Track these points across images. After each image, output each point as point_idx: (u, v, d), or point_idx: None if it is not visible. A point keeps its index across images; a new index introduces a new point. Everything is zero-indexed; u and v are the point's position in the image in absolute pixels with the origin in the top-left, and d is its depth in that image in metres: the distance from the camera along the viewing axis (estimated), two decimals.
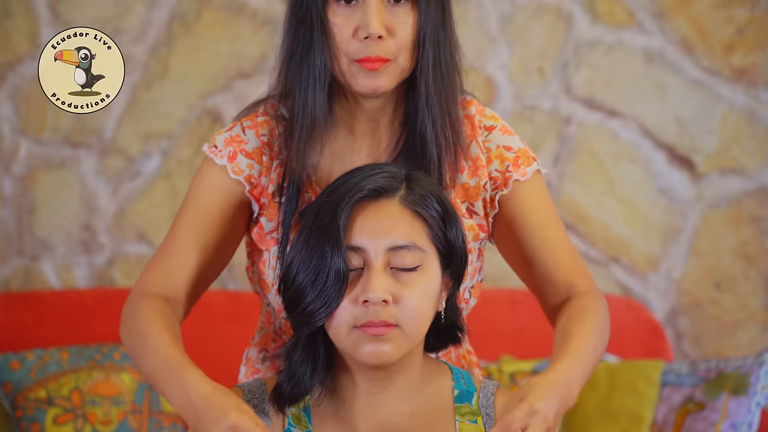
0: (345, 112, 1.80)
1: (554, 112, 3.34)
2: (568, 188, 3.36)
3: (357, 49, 1.71)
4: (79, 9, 3.22)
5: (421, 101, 1.76)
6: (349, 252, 1.60)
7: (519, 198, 1.81)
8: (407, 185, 1.65)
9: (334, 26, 1.72)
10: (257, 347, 1.94)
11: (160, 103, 3.27)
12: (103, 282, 3.29)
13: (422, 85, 1.75)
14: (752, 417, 2.79)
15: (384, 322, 1.59)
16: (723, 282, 3.39)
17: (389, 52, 1.71)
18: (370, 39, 1.69)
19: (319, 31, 1.72)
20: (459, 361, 1.91)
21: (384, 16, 1.70)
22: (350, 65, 1.72)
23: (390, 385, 1.66)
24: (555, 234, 1.82)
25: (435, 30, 1.74)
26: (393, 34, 1.71)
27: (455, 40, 1.79)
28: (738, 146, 3.36)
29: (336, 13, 1.71)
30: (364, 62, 1.71)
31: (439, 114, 1.76)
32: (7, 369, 2.90)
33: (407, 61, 1.74)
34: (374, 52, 1.70)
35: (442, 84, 1.76)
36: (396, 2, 1.71)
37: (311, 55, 1.74)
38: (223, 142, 1.81)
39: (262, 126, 1.82)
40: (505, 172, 1.81)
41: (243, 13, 3.27)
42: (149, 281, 1.78)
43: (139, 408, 2.93)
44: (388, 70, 1.72)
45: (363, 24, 1.70)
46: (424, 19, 1.72)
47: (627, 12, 3.33)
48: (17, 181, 3.25)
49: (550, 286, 1.80)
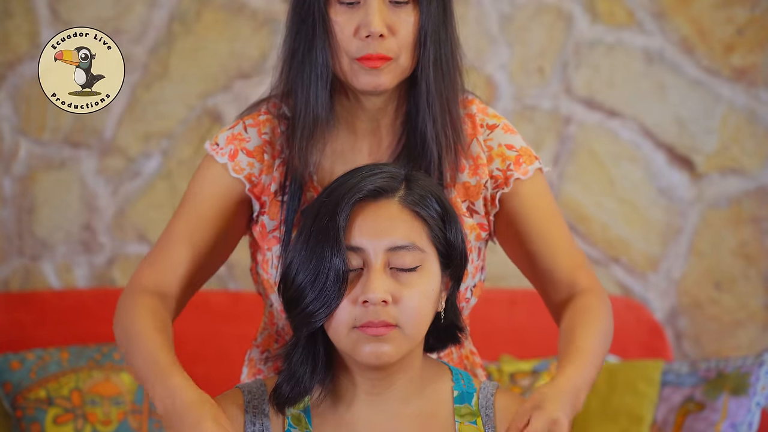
0: (346, 111, 1.80)
1: (554, 112, 3.34)
2: (568, 188, 3.36)
3: (358, 48, 1.71)
4: (79, 9, 3.22)
5: (421, 100, 1.76)
6: (348, 252, 1.60)
7: (520, 196, 1.81)
8: (407, 185, 1.65)
9: (336, 25, 1.72)
10: (260, 348, 1.94)
11: (160, 103, 3.27)
12: (103, 282, 3.29)
13: (423, 84, 1.76)
14: (752, 417, 2.79)
15: (384, 322, 1.59)
16: (723, 282, 3.39)
17: (390, 50, 1.71)
18: (371, 38, 1.70)
19: (321, 30, 1.73)
20: (462, 361, 1.91)
21: (385, 15, 1.70)
22: (352, 63, 1.73)
23: (390, 386, 1.66)
24: (556, 231, 1.82)
25: (436, 29, 1.74)
26: (394, 32, 1.71)
27: (456, 39, 1.80)
28: (738, 146, 3.36)
29: (338, 11, 1.72)
30: (365, 60, 1.71)
31: (440, 113, 1.77)
32: (7, 369, 2.90)
33: (408, 60, 1.74)
34: (375, 50, 1.71)
35: (443, 83, 1.77)
36: (397, 4, 1.71)
37: (313, 54, 1.74)
38: (225, 140, 1.81)
39: (264, 124, 1.82)
40: (506, 171, 1.81)
41: (243, 13, 3.26)
42: (144, 276, 1.79)
43: (139, 408, 2.93)
44: (389, 68, 1.72)
45: (364, 23, 1.70)
46: (426, 19, 1.73)
47: (627, 12, 3.33)
48: (17, 181, 3.25)
49: (553, 284, 1.80)
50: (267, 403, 1.67)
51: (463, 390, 1.70)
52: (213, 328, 3.10)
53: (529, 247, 1.82)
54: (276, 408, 1.66)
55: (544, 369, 3.01)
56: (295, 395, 1.65)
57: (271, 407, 1.67)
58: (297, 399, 1.66)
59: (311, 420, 1.66)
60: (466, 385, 1.70)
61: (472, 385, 1.70)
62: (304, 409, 1.67)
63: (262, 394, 1.68)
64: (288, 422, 1.66)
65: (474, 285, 1.86)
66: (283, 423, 1.66)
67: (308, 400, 1.67)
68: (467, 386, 1.70)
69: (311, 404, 1.67)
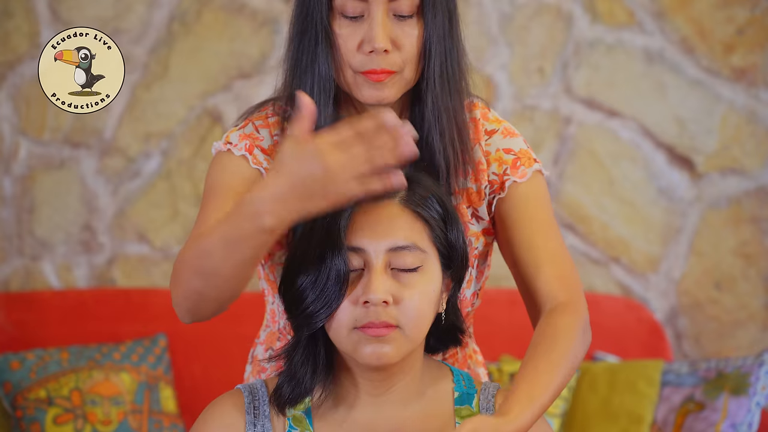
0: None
1: (554, 112, 3.34)
2: (568, 188, 3.36)
3: (362, 62, 1.69)
4: (79, 9, 3.22)
5: (427, 111, 1.75)
6: (349, 253, 1.60)
7: (513, 199, 1.80)
8: (408, 186, 1.64)
9: (339, 38, 1.70)
10: (263, 345, 1.94)
11: (160, 103, 3.27)
12: (103, 282, 3.29)
13: (429, 97, 1.74)
14: (752, 417, 2.79)
15: (384, 323, 1.58)
16: (723, 282, 3.39)
17: (394, 64, 1.70)
18: (375, 53, 1.68)
19: (324, 43, 1.71)
20: (465, 360, 1.92)
21: (389, 29, 1.68)
22: (355, 76, 1.71)
23: (391, 387, 1.65)
24: (542, 240, 1.77)
25: (441, 41, 1.72)
26: (398, 47, 1.69)
27: (462, 48, 1.78)
28: (738, 146, 3.36)
29: (341, 24, 1.70)
30: (369, 74, 1.70)
31: (447, 125, 1.75)
32: (7, 369, 2.90)
33: (412, 73, 1.73)
34: (379, 65, 1.69)
35: (450, 95, 1.75)
36: (401, 18, 1.70)
37: (316, 66, 1.72)
38: (237, 138, 1.79)
39: (274, 126, 1.81)
40: (502, 176, 1.80)
41: (243, 13, 3.26)
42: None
43: (139, 408, 2.93)
44: (393, 81, 1.71)
45: (368, 38, 1.68)
46: (430, 31, 1.71)
47: (627, 12, 3.33)
48: (17, 181, 3.25)
49: (531, 293, 1.76)
50: (268, 404, 1.67)
51: (464, 391, 1.69)
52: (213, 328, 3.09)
53: (514, 251, 1.79)
54: (277, 409, 1.66)
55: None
56: (296, 396, 1.65)
57: (272, 408, 1.67)
58: (298, 400, 1.66)
59: (312, 421, 1.66)
60: (467, 386, 1.70)
61: (473, 386, 1.70)
62: (305, 410, 1.67)
63: (263, 395, 1.68)
64: (289, 423, 1.66)
65: (479, 289, 1.86)
66: (284, 424, 1.66)
67: (309, 401, 1.67)
68: (468, 387, 1.70)
69: (312, 405, 1.67)
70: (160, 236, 3.28)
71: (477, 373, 1.94)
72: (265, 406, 1.67)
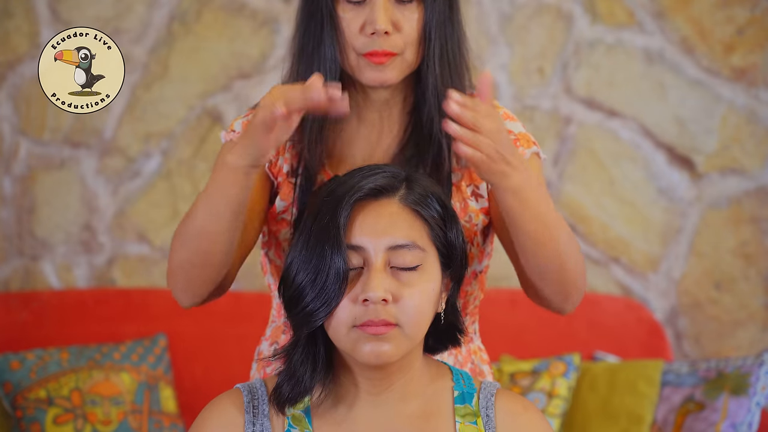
0: (355, 102, 1.84)
1: (554, 112, 3.34)
2: (568, 188, 3.36)
3: (364, 44, 1.76)
4: (79, 9, 3.22)
5: (428, 93, 1.81)
6: (349, 251, 1.60)
7: None
8: (407, 185, 1.65)
9: (343, 21, 1.77)
10: (268, 341, 1.95)
11: (160, 103, 3.27)
12: (103, 282, 3.29)
13: (429, 78, 1.80)
14: (752, 417, 2.79)
15: (384, 321, 1.59)
16: (723, 282, 3.39)
17: (396, 46, 1.76)
18: (376, 35, 1.75)
19: (329, 26, 1.78)
20: (469, 355, 1.92)
21: (390, 12, 1.75)
22: (358, 59, 1.78)
23: (390, 386, 1.66)
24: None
25: (441, 25, 1.79)
26: (399, 29, 1.76)
27: (463, 33, 1.85)
28: (738, 146, 3.36)
29: (345, 9, 1.77)
30: (371, 56, 1.76)
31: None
32: (7, 369, 2.90)
33: (413, 56, 1.79)
34: (381, 47, 1.76)
35: (450, 77, 1.81)
36: (402, 3, 1.77)
37: (321, 49, 1.79)
38: (241, 126, 1.85)
39: None
40: None
41: (243, 13, 3.27)
42: None
43: (139, 408, 2.93)
44: (395, 63, 1.77)
45: (370, 20, 1.75)
46: (430, 15, 1.77)
47: (627, 12, 3.33)
48: (17, 181, 3.25)
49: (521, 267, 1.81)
50: (267, 404, 1.67)
51: (464, 390, 1.70)
52: (213, 328, 3.10)
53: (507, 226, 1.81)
54: (276, 408, 1.66)
55: (544, 369, 3.01)
56: (296, 395, 1.65)
57: (272, 407, 1.67)
58: (297, 399, 1.66)
59: (311, 420, 1.66)
60: (467, 385, 1.70)
61: (472, 386, 1.70)
62: (304, 409, 1.67)
63: (262, 394, 1.68)
64: (288, 422, 1.66)
65: (481, 270, 1.88)
66: (283, 423, 1.66)
67: (308, 400, 1.67)
68: (468, 386, 1.70)
69: (311, 404, 1.67)
70: (160, 236, 3.28)
71: (482, 370, 1.94)
72: (264, 405, 1.67)
